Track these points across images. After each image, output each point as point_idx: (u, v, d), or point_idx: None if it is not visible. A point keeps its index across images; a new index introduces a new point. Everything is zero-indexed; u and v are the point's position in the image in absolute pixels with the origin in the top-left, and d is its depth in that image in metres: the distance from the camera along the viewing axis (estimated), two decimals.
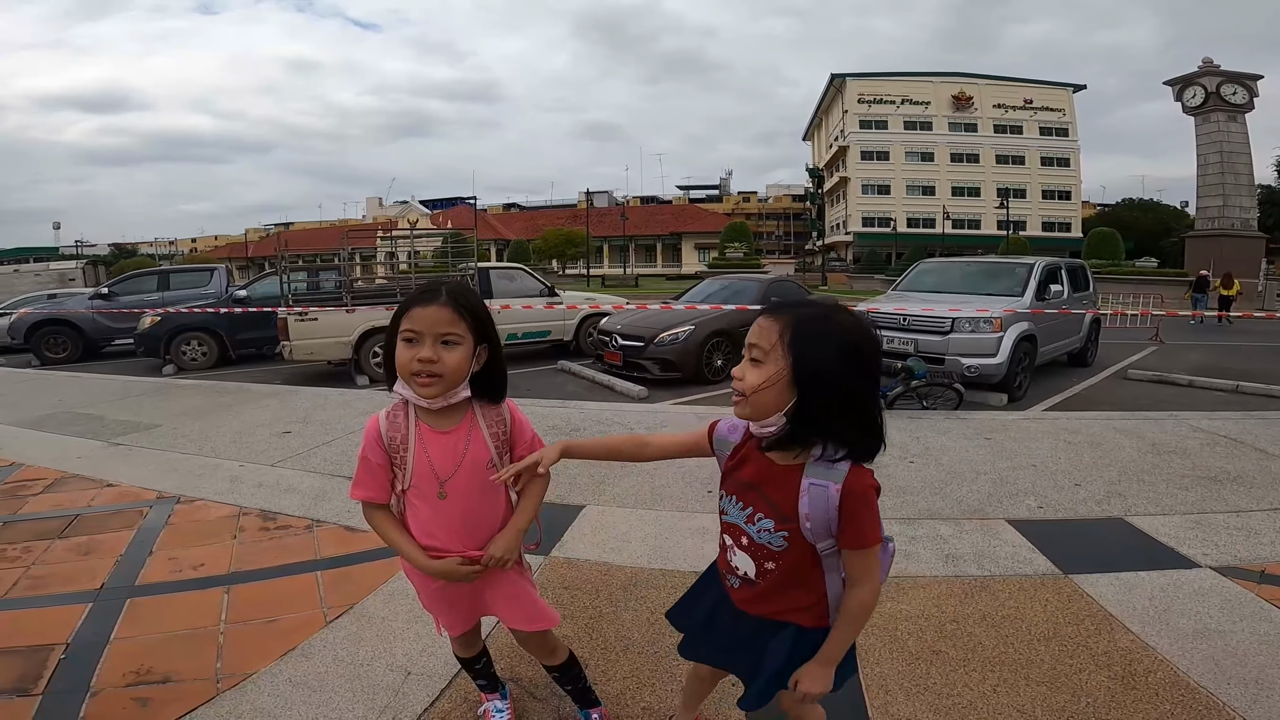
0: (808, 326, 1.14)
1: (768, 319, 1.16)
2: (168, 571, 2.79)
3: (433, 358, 1.35)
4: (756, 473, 1.24)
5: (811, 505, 1.17)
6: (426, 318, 1.35)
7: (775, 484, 1.21)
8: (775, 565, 1.25)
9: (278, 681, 2.03)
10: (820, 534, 1.18)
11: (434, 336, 1.35)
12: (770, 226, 72.10)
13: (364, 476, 1.48)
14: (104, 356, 11.09)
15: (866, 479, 1.17)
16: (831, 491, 1.15)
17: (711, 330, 7.71)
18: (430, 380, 1.37)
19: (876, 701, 1.92)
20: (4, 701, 1.94)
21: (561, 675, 1.77)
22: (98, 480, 4.00)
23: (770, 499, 1.22)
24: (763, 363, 1.15)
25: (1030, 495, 3.56)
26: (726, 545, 1.33)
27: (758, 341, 1.15)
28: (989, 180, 54.08)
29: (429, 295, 1.38)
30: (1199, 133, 26.96)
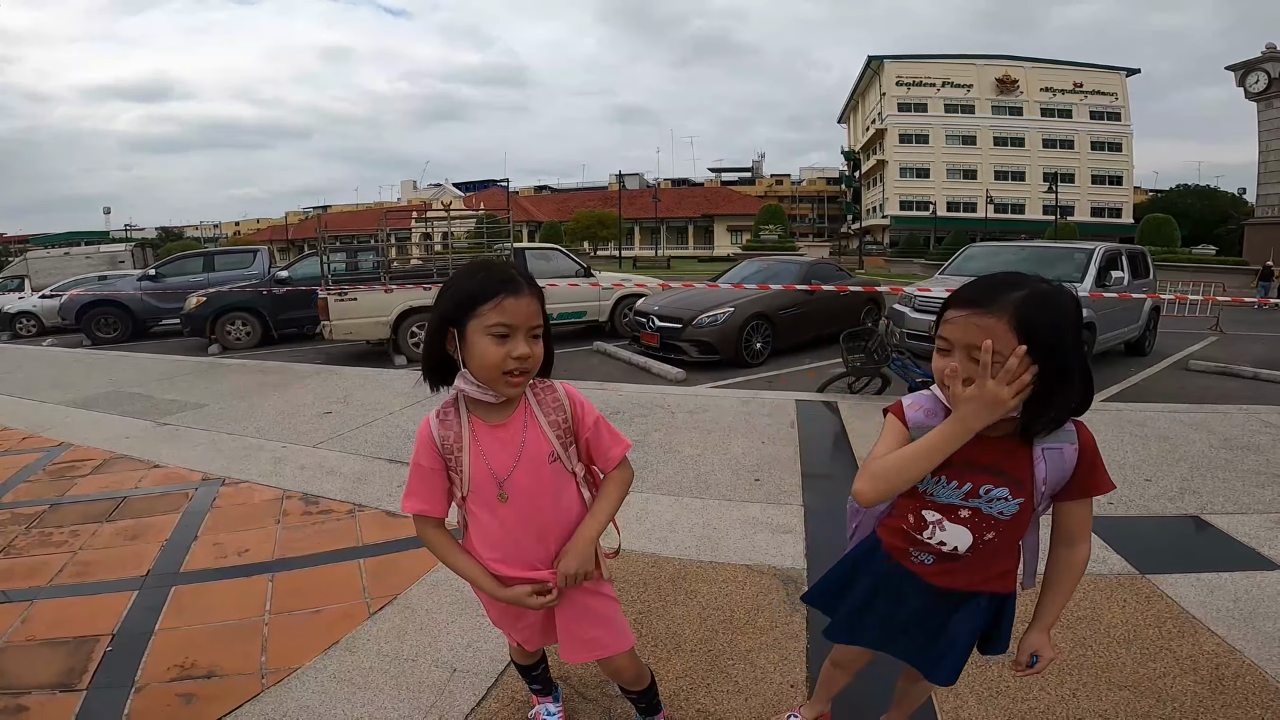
0: (1037, 315, 1.06)
1: (991, 316, 1.06)
2: (213, 558, 2.77)
3: (529, 353, 1.23)
4: (974, 449, 1.14)
5: (1049, 470, 1.15)
6: (521, 311, 1.22)
7: (1002, 456, 1.16)
8: (995, 534, 1.21)
9: (322, 677, 1.98)
10: (1047, 495, 1.19)
11: (527, 330, 1.23)
12: (804, 209, 70.75)
13: (416, 485, 1.33)
14: (152, 336, 11.38)
15: (1087, 432, 1.18)
16: (1067, 452, 1.15)
17: (751, 313, 7.54)
18: (523, 378, 1.25)
19: (946, 706, 1.82)
20: (48, 696, 1.92)
21: (640, 697, 1.62)
22: (145, 461, 4.04)
23: (1000, 470, 1.17)
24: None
25: None
26: (927, 523, 1.24)
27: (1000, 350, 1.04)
28: (1035, 164, 52.22)
29: (515, 285, 1.22)
30: (1261, 119, 25.78)
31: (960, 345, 1.09)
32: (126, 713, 1.84)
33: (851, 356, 5.38)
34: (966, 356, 1.08)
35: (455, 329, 1.24)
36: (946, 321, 1.12)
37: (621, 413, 4.89)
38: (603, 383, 6.17)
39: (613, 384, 6.13)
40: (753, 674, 1.99)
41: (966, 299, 1.10)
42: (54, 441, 4.54)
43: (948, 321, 1.11)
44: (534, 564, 1.36)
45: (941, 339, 1.12)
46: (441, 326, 1.26)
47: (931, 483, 1.21)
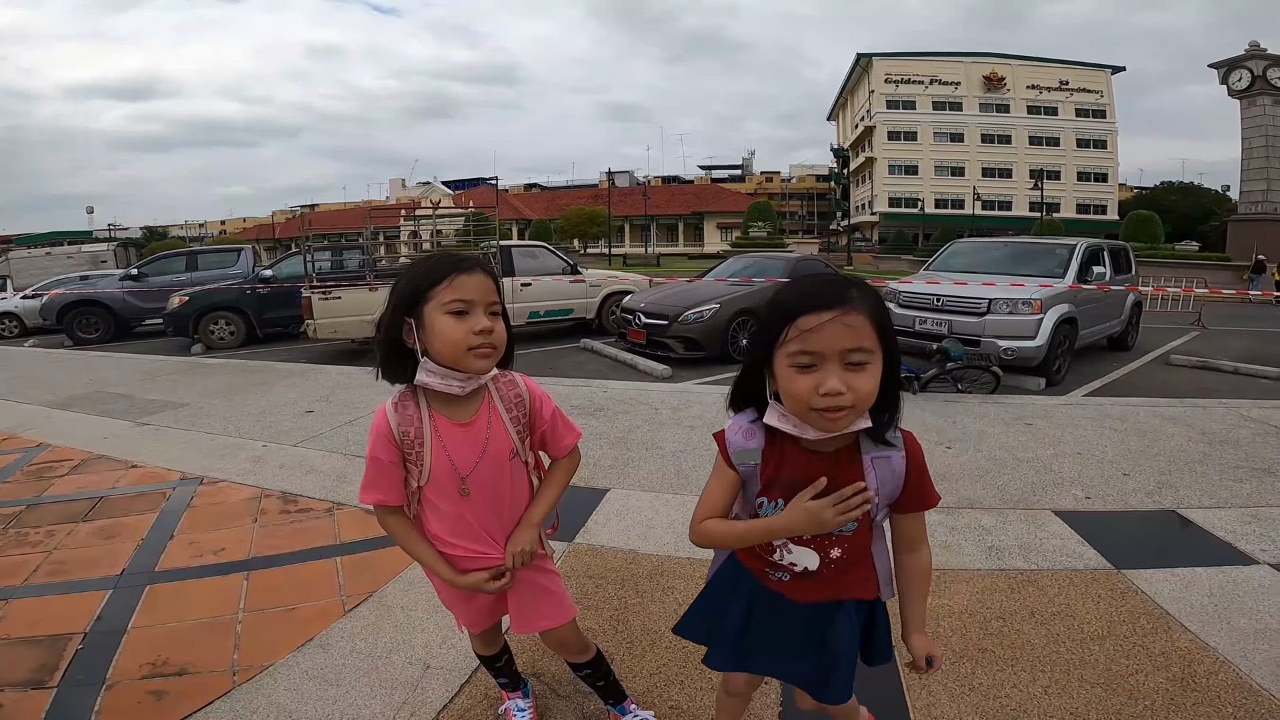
0: (879, 303, 1.06)
1: (858, 314, 1.01)
2: (188, 556, 2.76)
3: (491, 327, 1.24)
4: (807, 466, 1.13)
5: (880, 480, 1.13)
6: (475, 286, 1.23)
7: (835, 471, 1.12)
8: (841, 550, 1.19)
9: (294, 674, 1.97)
10: (882, 506, 1.17)
11: (485, 306, 1.25)
12: (794, 206, 70.83)
13: (374, 478, 1.33)
14: (135, 336, 11.25)
15: (916, 442, 1.17)
16: (896, 461, 1.13)
17: (737, 309, 7.54)
18: (489, 352, 1.25)
19: (919, 702, 1.82)
20: (19, 694, 1.91)
21: (592, 672, 1.66)
22: (124, 461, 4.00)
23: (835, 487, 1.12)
24: (869, 364, 1.02)
25: (1076, 485, 3.39)
26: (774, 546, 1.21)
27: (861, 344, 1.01)
28: (1021, 161, 52.50)
29: (465, 263, 1.25)
30: (1244, 116, 26.02)
31: (833, 352, 1.00)
32: (96, 709, 1.84)
33: None
34: (840, 364, 1.00)
35: (411, 319, 1.25)
36: (809, 331, 1.00)
37: (605, 409, 4.88)
38: (588, 380, 6.16)
39: (598, 380, 6.13)
40: None
41: (826, 301, 1.01)
42: (33, 442, 4.49)
43: (811, 331, 1.00)
44: (485, 553, 1.39)
45: (805, 354, 1.01)
46: (396, 318, 1.26)
47: (770, 507, 1.17)
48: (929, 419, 4.59)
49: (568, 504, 1.54)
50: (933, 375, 5.42)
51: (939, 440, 4.11)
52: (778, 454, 1.15)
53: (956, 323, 6.36)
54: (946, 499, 3.22)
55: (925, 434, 4.21)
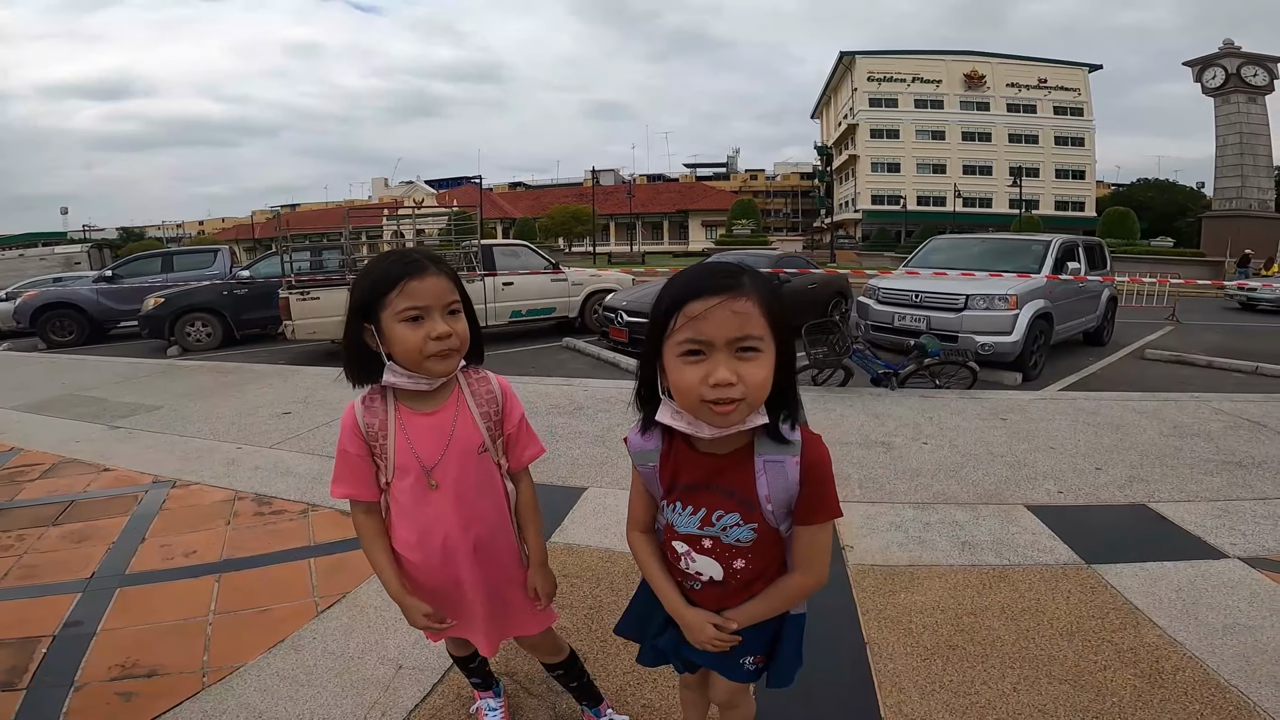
0: (772, 293, 1.00)
1: (746, 299, 0.95)
2: (159, 559, 2.73)
3: (449, 331, 1.23)
4: (700, 469, 1.08)
5: (770, 485, 1.05)
6: (428, 290, 1.22)
7: (727, 473, 1.07)
8: (745, 561, 1.11)
9: (265, 675, 1.95)
10: (782, 515, 1.08)
11: (441, 308, 1.23)
12: (778, 204, 71.11)
13: (343, 471, 1.34)
14: (110, 339, 11.07)
15: (823, 445, 1.07)
16: (789, 466, 1.04)
17: None
18: (450, 354, 1.25)
19: (889, 700, 1.83)
20: None
21: (565, 673, 1.66)
22: (95, 464, 3.94)
23: (727, 490, 1.07)
24: (761, 351, 0.96)
25: (1049, 479, 3.44)
26: (679, 554, 1.16)
27: (750, 330, 0.95)
28: (1001, 159, 53.09)
29: (415, 266, 1.23)
30: (1218, 114, 26.48)
31: (722, 341, 0.94)
32: (65, 710, 1.83)
33: (814, 349, 5.43)
34: (730, 352, 0.95)
35: (371, 324, 1.24)
36: (696, 318, 0.95)
37: (585, 408, 4.87)
38: (569, 378, 6.15)
39: (579, 379, 6.11)
40: None
41: (713, 287, 0.95)
42: (4, 446, 4.41)
43: (698, 318, 0.94)
44: (453, 553, 1.37)
45: (693, 341, 0.95)
46: (357, 324, 1.26)
47: (670, 511, 1.13)
48: (905, 414, 4.63)
49: (543, 503, 1.53)
50: (911, 371, 5.48)
51: (915, 435, 4.15)
52: (674, 456, 1.10)
53: (934, 318, 6.43)
54: (921, 494, 3.26)
55: (901, 429, 4.26)
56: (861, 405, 4.90)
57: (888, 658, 2.02)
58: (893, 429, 4.30)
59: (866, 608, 2.29)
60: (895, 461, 3.71)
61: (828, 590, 2.38)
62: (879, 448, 3.94)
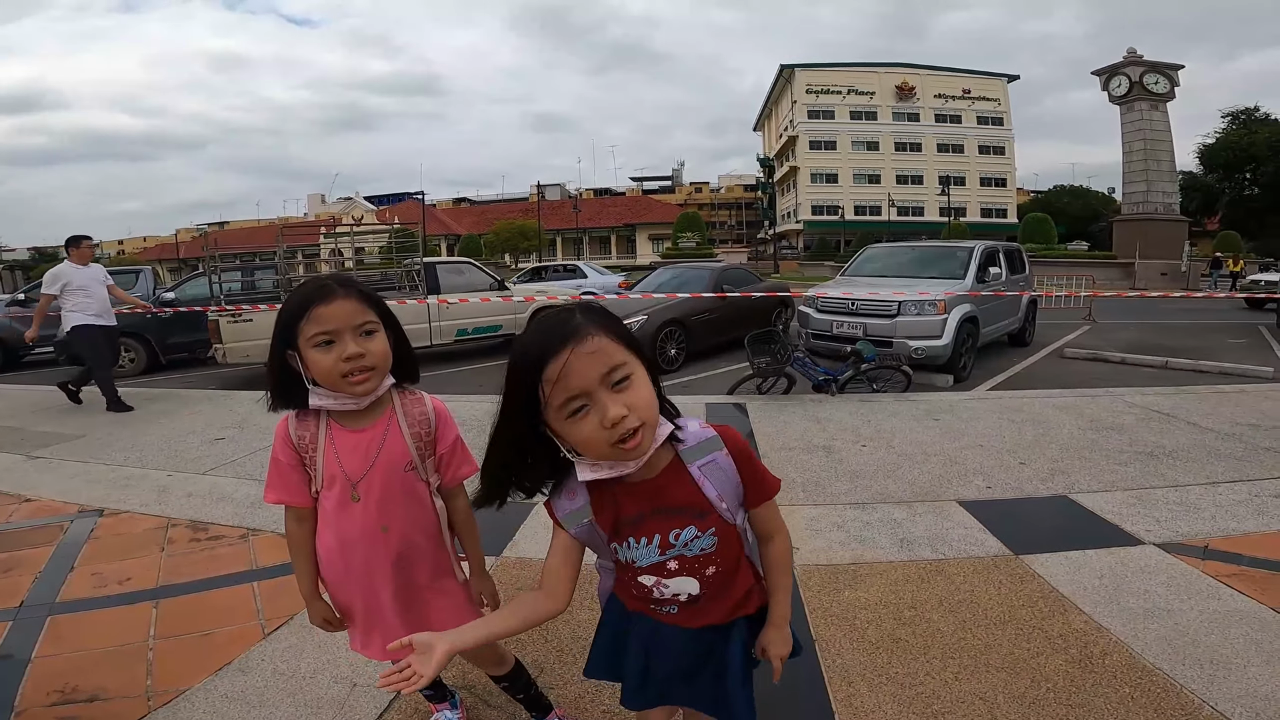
0: (609, 317, 1.01)
1: (591, 337, 0.96)
2: (91, 587, 2.63)
3: (361, 351, 1.26)
4: (639, 499, 1.08)
5: (717, 485, 1.08)
6: (335, 314, 1.25)
7: (667, 492, 1.08)
8: (715, 566, 1.13)
9: (213, 697, 1.92)
10: (735, 509, 1.12)
11: (352, 330, 1.26)
12: (723, 216, 72.40)
13: (274, 478, 1.39)
14: (24, 366, 10.37)
15: (734, 431, 1.13)
16: (723, 461, 1.09)
17: (665, 319, 7.69)
18: (365, 374, 1.28)
19: (840, 694, 1.90)
20: None
21: (510, 684, 1.69)
22: (15, 495, 3.73)
23: (675, 508, 1.08)
24: (633, 375, 0.98)
25: (979, 475, 3.63)
26: (648, 587, 1.14)
27: (613, 361, 0.96)
28: (931, 168, 55.48)
29: (322, 292, 1.27)
30: (1124, 121, 28.02)
31: (595, 383, 0.94)
32: None
33: (757, 359, 5.58)
34: (608, 389, 0.95)
35: (293, 351, 1.28)
36: (561, 377, 0.94)
37: None
38: None
39: None
40: None
41: (556, 342, 0.95)
42: None
43: (562, 376, 0.94)
44: (371, 563, 1.41)
45: (571, 400, 0.95)
46: (279, 351, 1.30)
47: (625, 549, 1.11)
48: (845, 419, 4.81)
49: (494, 517, 1.55)
50: (849, 376, 5.69)
51: (855, 439, 4.32)
52: (609, 499, 1.08)
53: (870, 325, 6.69)
54: (860, 494, 3.39)
55: (841, 433, 4.42)
56: (804, 411, 5.06)
57: (836, 653, 2.09)
58: (834, 433, 4.46)
59: (813, 606, 2.37)
60: (836, 464, 3.85)
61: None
62: (821, 452, 4.08)
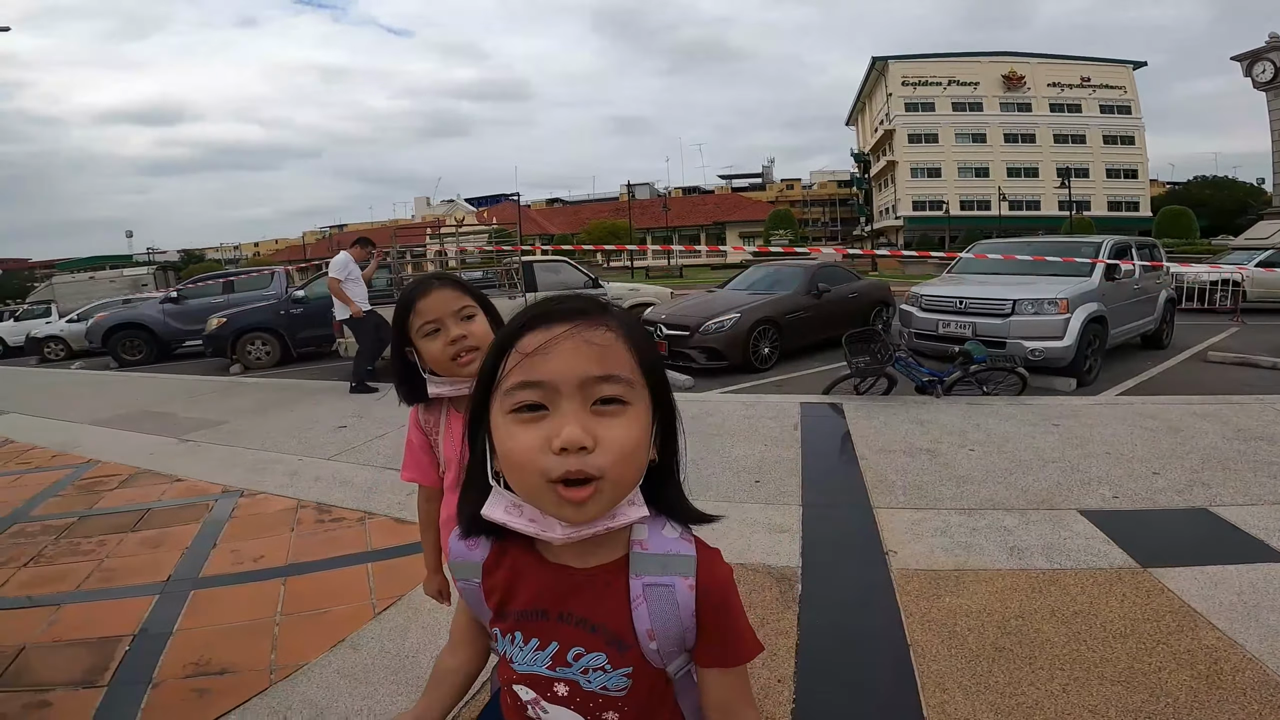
0: (640, 330, 0.73)
1: (604, 329, 0.68)
2: (230, 563, 2.90)
3: (463, 333, 1.35)
4: (546, 588, 0.74)
5: (655, 617, 0.71)
6: (435, 304, 1.35)
7: (586, 596, 0.73)
8: (619, 714, 0.75)
9: (326, 673, 2.07)
10: (672, 652, 0.75)
11: (453, 316, 1.36)
12: (816, 213, 70.56)
13: (408, 459, 1.51)
14: (176, 358, 11.64)
15: (722, 562, 0.76)
16: (681, 590, 0.72)
17: (758, 318, 7.59)
18: (471, 354, 1.36)
19: (932, 700, 1.84)
20: (72, 693, 2.03)
21: None
22: (168, 475, 4.18)
23: (591, 622, 0.73)
24: (628, 403, 0.67)
25: (1104, 484, 3.36)
26: (523, 701, 0.78)
27: (612, 368, 0.66)
28: (1047, 160, 51.72)
29: (422, 286, 1.38)
30: (1271, 108, 25.20)
31: (571, 383, 0.65)
32: (143, 706, 1.95)
33: (856, 358, 5.40)
34: (584, 403, 0.65)
35: (410, 347, 1.39)
36: (533, 354, 0.65)
37: None
38: None
39: None
40: None
41: (558, 312, 0.68)
42: (82, 459, 4.71)
43: (536, 354, 0.65)
44: None
45: (527, 387, 0.65)
46: (398, 348, 1.41)
47: (506, 641, 0.77)
48: (952, 421, 4.57)
49: None
50: (956, 378, 5.39)
51: (961, 442, 4.09)
52: (506, 568, 0.76)
53: (980, 325, 6.32)
54: (967, 500, 3.22)
55: (947, 436, 4.20)
56: (905, 413, 4.85)
57: (932, 659, 2.02)
58: (938, 436, 4.25)
59: (910, 611, 2.29)
60: (941, 468, 3.67)
61: (870, 595, 2.41)
62: (924, 454, 3.90)
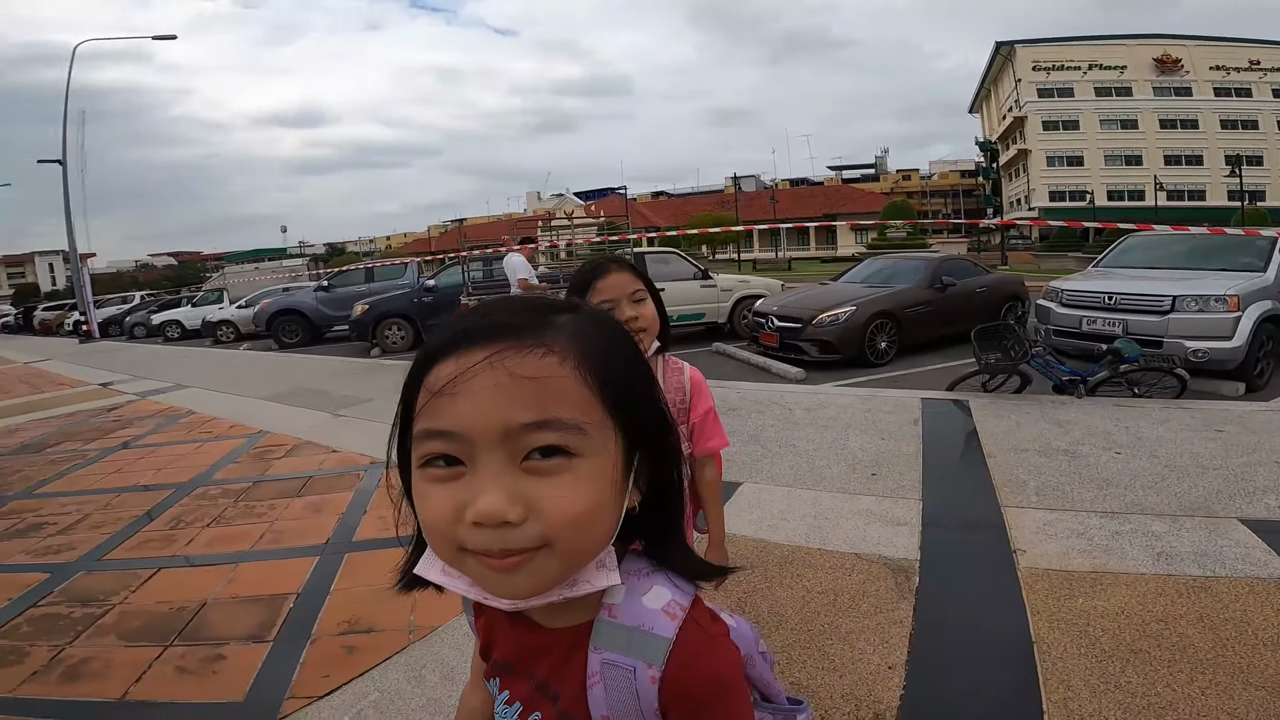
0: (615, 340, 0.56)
1: (541, 353, 0.50)
2: (377, 529, 3.16)
3: (635, 315, 1.44)
4: (513, 642, 0.63)
5: (611, 700, 0.55)
6: (612, 285, 1.45)
7: (545, 660, 0.60)
8: None
9: (457, 635, 2.21)
10: None
11: (627, 298, 1.45)
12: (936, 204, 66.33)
13: None
14: (326, 340, 12.90)
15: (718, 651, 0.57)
16: (642, 681, 0.54)
17: (875, 311, 7.36)
18: (639, 335, 1.45)
19: (1055, 696, 1.78)
20: (243, 647, 2.25)
21: None
22: (325, 447, 4.69)
23: (552, 688, 0.59)
24: (577, 455, 0.49)
25: (1271, 494, 3.02)
26: None
27: (550, 411, 0.48)
28: (1213, 147, 45.85)
29: (600, 268, 1.48)
30: None
31: (490, 435, 0.48)
32: (302, 661, 2.14)
33: (986, 354, 5.13)
34: (509, 453, 0.48)
35: None
36: (441, 394, 0.49)
37: (738, 409, 4.99)
38: (722, 381, 6.29)
39: (731, 381, 6.24)
40: (850, 654, 2.03)
41: (479, 332, 0.50)
42: (254, 429, 5.37)
43: (443, 393, 0.49)
44: None
45: (433, 437, 0.49)
46: None
47: (492, 687, 0.66)
48: (1094, 423, 4.25)
49: None
50: (1103, 378, 4.98)
51: (1106, 445, 3.80)
52: (488, 618, 0.67)
53: (1133, 322, 5.79)
54: (1110, 503, 3.01)
55: (1089, 438, 3.93)
56: (1041, 412, 4.56)
57: (1058, 657, 1.95)
58: (1079, 437, 3.97)
59: (1037, 609, 2.21)
60: (1080, 470, 3.44)
61: (993, 591, 2.36)
62: (1061, 455, 3.67)
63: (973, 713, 1.79)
